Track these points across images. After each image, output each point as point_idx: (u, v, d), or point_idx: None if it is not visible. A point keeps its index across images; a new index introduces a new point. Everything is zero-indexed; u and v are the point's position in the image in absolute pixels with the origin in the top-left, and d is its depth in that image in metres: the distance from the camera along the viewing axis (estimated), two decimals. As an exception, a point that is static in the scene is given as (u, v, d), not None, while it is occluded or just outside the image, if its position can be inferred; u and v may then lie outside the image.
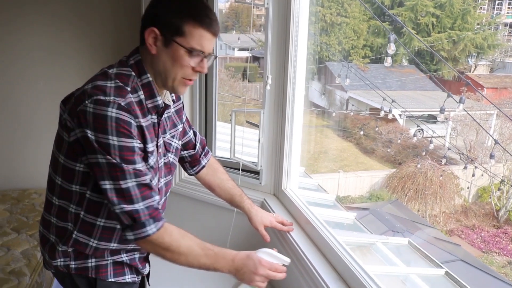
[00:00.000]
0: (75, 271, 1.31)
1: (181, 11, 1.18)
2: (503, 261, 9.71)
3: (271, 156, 2.14)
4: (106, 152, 1.12)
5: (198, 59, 1.23)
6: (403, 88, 16.92)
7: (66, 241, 1.29)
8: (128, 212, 1.16)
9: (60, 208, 1.27)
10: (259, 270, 1.32)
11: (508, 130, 11.39)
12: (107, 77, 1.18)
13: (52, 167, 1.27)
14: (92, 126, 1.11)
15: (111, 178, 1.14)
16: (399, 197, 11.06)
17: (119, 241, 1.32)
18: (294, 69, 1.96)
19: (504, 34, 23.06)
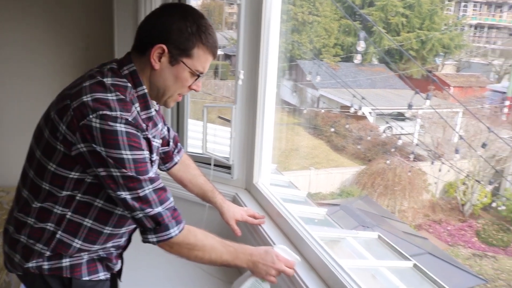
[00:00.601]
0: (48, 272, 1.29)
1: (194, 34, 1.20)
2: (467, 254, 10.00)
3: (243, 150, 2.15)
4: (121, 166, 1.14)
5: (196, 79, 1.27)
6: (373, 86, 17.17)
7: (48, 242, 1.27)
8: (153, 216, 1.19)
9: (42, 209, 1.25)
10: (276, 264, 1.38)
11: (473, 128, 11.70)
12: (105, 88, 1.16)
13: (37, 173, 1.24)
14: (101, 142, 1.12)
15: (128, 189, 1.17)
16: (369, 193, 11.24)
17: (103, 244, 1.32)
18: (266, 64, 1.98)
19: (470, 35, 23.67)
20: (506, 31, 24.60)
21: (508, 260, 9.78)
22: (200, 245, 1.29)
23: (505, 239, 10.22)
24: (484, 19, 24.82)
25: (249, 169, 2.15)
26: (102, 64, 1.27)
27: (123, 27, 2.59)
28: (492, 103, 14.20)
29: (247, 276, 1.44)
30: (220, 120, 2.53)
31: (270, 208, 1.95)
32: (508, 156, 11.23)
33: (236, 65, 2.06)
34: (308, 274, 1.57)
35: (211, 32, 1.24)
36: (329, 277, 1.51)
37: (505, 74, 19.95)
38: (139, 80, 1.24)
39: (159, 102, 1.31)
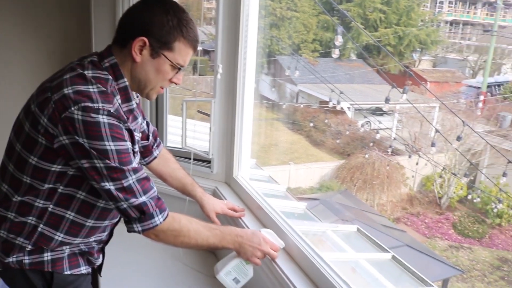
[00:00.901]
0: (29, 266, 1.28)
1: (175, 28, 1.22)
2: (444, 245, 10.21)
3: (222, 144, 2.15)
4: (104, 157, 1.14)
5: (177, 72, 1.29)
6: (352, 81, 17.31)
7: (29, 236, 1.26)
8: (137, 205, 1.20)
9: (22, 203, 1.24)
10: (262, 246, 1.43)
11: (449, 122, 11.90)
12: (86, 81, 1.17)
13: (17, 167, 1.23)
14: (84, 134, 1.12)
15: (111, 180, 1.17)
16: (348, 187, 11.35)
17: (85, 237, 1.32)
18: (244, 59, 1.98)
19: (446, 31, 24.06)
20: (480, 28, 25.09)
21: (483, 251, 10.02)
22: (185, 231, 1.31)
23: (480, 231, 10.46)
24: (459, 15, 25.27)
25: (229, 162, 2.14)
26: (82, 57, 1.27)
27: (100, 24, 2.54)
28: (467, 98, 14.48)
29: (231, 257, 1.46)
30: (200, 116, 2.52)
31: (250, 201, 1.95)
32: (482, 150, 11.47)
33: (215, 59, 2.05)
34: (289, 266, 1.56)
35: (192, 26, 1.25)
36: (311, 270, 1.51)
37: (480, 70, 20.36)
38: (120, 72, 1.24)
39: (141, 94, 1.32)
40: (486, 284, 8.84)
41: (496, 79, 18.74)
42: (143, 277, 2.13)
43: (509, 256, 9.83)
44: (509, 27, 22.22)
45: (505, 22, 22.89)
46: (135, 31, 1.21)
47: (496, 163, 10.30)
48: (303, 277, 1.52)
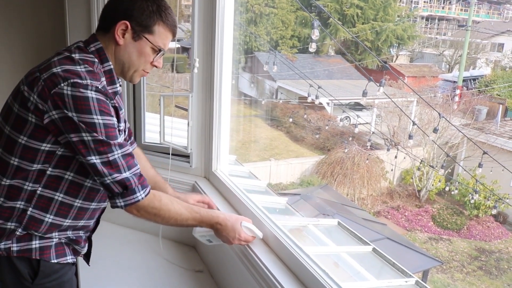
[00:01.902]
0: (17, 254, 1.28)
1: (154, 12, 1.31)
2: (424, 237, 10.37)
3: (201, 139, 2.13)
4: (92, 130, 1.19)
5: (157, 55, 1.37)
6: (330, 77, 17.45)
7: (19, 219, 1.28)
8: (120, 181, 1.24)
9: (11, 187, 1.26)
10: (235, 241, 1.53)
11: (427, 116, 12.08)
12: (74, 62, 1.23)
13: (6, 149, 1.26)
14: (73, 108, 1.17)
15: (98, 153, 1.21)
16: (328, 182, 11.42)
17: (74, 218, 1.35)
18: (221, 54, 1.97)
19: (422, 26, 24.41)
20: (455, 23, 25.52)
21: (461, 242, 10.21)
22: (165, 209, 1.36)
23: (458, 222, 10.66)
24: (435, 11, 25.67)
25: (208, 157, 2.13)
26: (68, 46, 1.33)
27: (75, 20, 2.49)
28: (444, 92, 14.70)
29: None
30: (178, 113, 2.49)
31: (230, 195, 1.94)
32: (459, 143, 11.68)
33: (192, 54, 2.03)
34: (272, 260, 1.56)
35: (170, 12, 1.34)
36: (293, 263, 1.51)
37: (456, 64, 20.73)
38: (105, 56, 1.32)
39: (125, 78, 1.39)
40: (464, 274, 9.01)
41: (472, 73, 19.14)
42: (125, 273, 2.12)
43: (486, 246, 10.05)
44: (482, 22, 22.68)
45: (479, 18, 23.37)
46: (118, 16, 1.29)
47: (473, 156, 10.51)
48: (286, 271, 1.52)
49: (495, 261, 9.51)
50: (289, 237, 1.59)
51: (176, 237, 2.32)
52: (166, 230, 2.22)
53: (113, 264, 2.18)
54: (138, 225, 2.48)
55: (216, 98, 2.01)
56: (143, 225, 2.46)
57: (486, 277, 8.97)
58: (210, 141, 2.07)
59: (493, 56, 21.28)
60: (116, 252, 2.29)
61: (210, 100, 2.03)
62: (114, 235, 2.46)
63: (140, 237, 2.43)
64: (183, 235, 2.33)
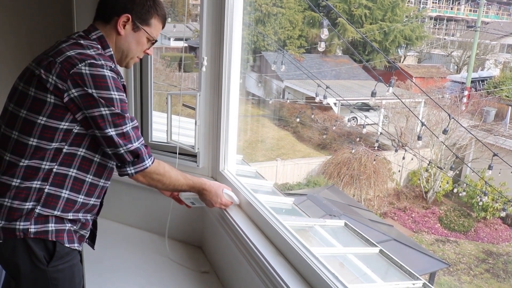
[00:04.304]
0: (34, 235, 1.36)
1: (152, 7, 1.48)
2: (431, 239, 10.31)
3: (208, 138, 2.12)
4: (110, 105, 1.33)
5: (150, 45, 1.56)
6: (338, 77, 17.38)
7: (37, 198, 1.36)
8: (133, 150, 1.40)
9: (28, 168, 1.34)
10: (216, 204, 1.77)
11: (435, 117, 12.01)
12: (83, 47, 1.37)
13: (23, 131, 1.34)
14: (92, 85, 1.31)
15: (114, 125, 1.35)
16: (335, 183, 11.38)
17: (86, 195, 1.45)
18: (230, 51, 1.95)
19: (430, 27, 24.27)
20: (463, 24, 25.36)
21: (468, 244, 10.14)
22: (167, 176, 1.55)
23: (465, 224, 10.58)
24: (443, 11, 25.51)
25: (215, 156, 2.11)
26: (69, 35, 1.45)
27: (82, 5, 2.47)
28: (452, 93, 14.60)
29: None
30: (185, 111, 2.48)
31: (238, 196, 1.93)
32: (467, 144, 11.60)
33: (200, 53, 2.02)
34: (278, 261, 1.56)
35: (162, 6, 1.53)
36: (299, 264, 1.50)
37: (464, 65, 20.57)
38: (106, 43, 1.46)
39: (121, 64, 1.54)
40: (472, 277, 8.94)
41: (480, 74, 18.98)
42: (130, 273, 2.11)
43: (494, 249, 9.97)
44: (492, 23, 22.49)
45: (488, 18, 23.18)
46: (120, 10, 1.44)
47: (481, 158, 10.43)
48: (292, 271, 1.51)
49: (503, 264, 9.43)
50: (296, 237, 1.58)
51: (182, 238, 2.31)
52: (172, 230, 2.21)
53: (119, 263, 2.18)
54: (144, 225, 2.48)
55: (224, 97, 1.99)
56: (149, 225, 2.45)
57: (494, 280, 8.90)
58: (218, 141, 2.06)
59: (502, 57, 21.09)
60: (122, 252, 2.29)
61: (218, 99, 2.01)
62: (121, 235, 2.45)
63: (146, 236, 2.42)
64: (189, 235, 2.32)
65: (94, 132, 1.36)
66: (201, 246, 2.30)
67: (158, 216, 2.31)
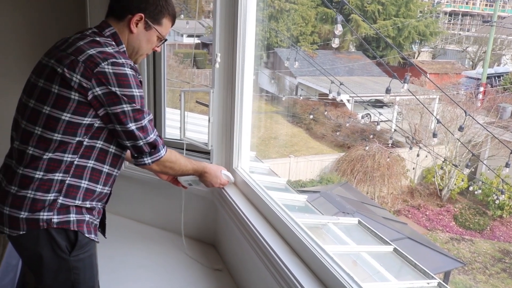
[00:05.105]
0: (56, 225, 1.42)
1: (165, 8, 1.54)
2: (446, 238, 10.20)
3: (221, 135, 2.11)
4: (132, 101, 1.41)
5: (160, 43, 1.62)
6: (351, 74, 17.26)
7: (59, 189, 1.42)
8: (152, 142, 1.51)
9: (50, 161, 1.40)
10: (215, 185, 1.94)
11: (450, 114, 11.87)
12: (101, 44, 1.42)
13: (47, 127, 1.39)
14: (116, 83, 1.37)
15: (134, 120, 1.44)
16: (348, 180, 11.32)
17: (103, 184, 1.53)
18: (243, 49, 1.95)
19: (444, 22, 23.97)
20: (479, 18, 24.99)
21: (484, 243, 10.01)
22: (178, 163, 1.68)
23: (481, 223, 10.45)
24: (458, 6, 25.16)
25: (228, 154, 2.11)
26: (78, 32, 1.50)
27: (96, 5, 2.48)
28: (467, 90, 14.41)
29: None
30: (198, 109, 2.48)
31: (251, 193, 1.93)
32: (483, 141, 11.44)
33: (213, 49, 2.01)
34: (291, 259, 1.56)
35: (173, 5, 1.59)
36: (313, 262, 1.50)
37: (480, 61, 20.28)
38: (119, 40, 1.51)
39: (131, 58, 1.57)
40: (487, 277, 8.84)
41: (496, 70, 18.67)
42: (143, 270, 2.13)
43: (511, 248, 9.83)
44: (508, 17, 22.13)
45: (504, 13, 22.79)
46: (134, 8, 1.49)
47: (497, 155, 10.28)
48: (305, 269, 1.51)
49: (520, 263, 9.31)
50: (309, 235, 1.58)
51: (195, 235, 2.31)
52: (185, 228, 2.21)
53: (131, 260, 2.20)
54: (156, 222, 2.48)
55: (237, 94, 1.98)
56: (161, 222, 2.46)
57: (510, 279, 8.78)
58: (231, 138, 2.05)
59: (518, 53, 20.75)
60: (134, 248, 2.31)
61: (232, 96, 2.01)
62: (132, 231, 2.47)
63: (158, 233, 2.44)
64: (202, 233, 2.32)
65: (114, 127, 1.44)
66: (214, 244, 2.30)
67: (170, 214, 2.32)
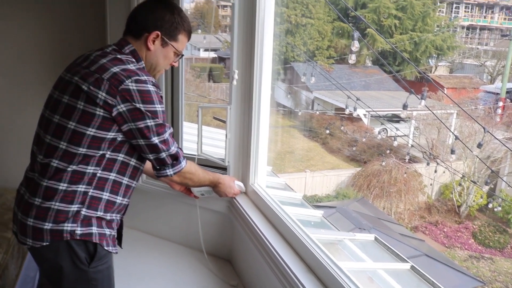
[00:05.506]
0: (80, 237, 1.46)
1: (180, 25, 1.58)
2: (464, 255, 9.99)
3: (238, 151, 2.12)
4: (155, 117, 1.46)
5: (178, 57, 1.66)
6: (367, 88, 17.21)
7: (82, 201, 1.46)
8: (174, 154, 1.56)
9: (74, 172, 1.44)
10: (228, 195, 2.02)
11: (468, 129, 11.72)
12: (123, 62, 1.47)
13: (72, 142, 1.43)
14: (140, 100, 1.43)
15: (157, 134, 1.48)
16: (365, 195, 11.21)
17: (123, 195, 1.56)
18: (260, 65, 1.96)
19: (462, 36, 23.80)
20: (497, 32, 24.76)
21: (505, 262, 9.78)
22: (196, 174, 1.75)
23: (501, 241, 10.23)
24: (476, 20, 24.97)
25: (245, 170, 2.11)
26: (99, 48, 1.55)
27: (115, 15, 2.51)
28: (485, 104, 14.23)
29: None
30: (215, 122, 2.50)
31: (267, 210, 1.92)
32: (502, 157, 11.25)
33: (231, 66, 2.03)
34: (306, 276, 1.55)
35: (188, 21, 1.63)
36: (328, 279, 1.48)
37: (498, 75, 20.05)
38: (138, 56, 1.55)
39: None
40: (508, 296, 8.63)
41: (515, 84, 18.41)
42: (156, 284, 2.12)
43: (532, 266, 9.59)
44: (528, 32, 21.87)
45: (523, 27, 22.54)
46: (150, 26, 1.54)
47: (517, 171, 10.10)
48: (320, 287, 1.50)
49: (543, 283, 9.07)
50: (324, 252, 1.57)
51: (211, 250, 2.31)
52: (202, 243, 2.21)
53: (148, 273, 2.21)
54: (173, 236, 2.49)
55: (254, 111, 1.99)
56: (178, 236, 2.47)
57: (532, 299, 8.56)
58: (248, 154, 2.06)
59: (538, 67, 20.46)
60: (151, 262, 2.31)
61: (249, 112, 2.02)
62: (149, 246, 2.48)
63: (174, 248, 2.44)
64: (218, 248, 2.32)
65: (137, 141, 1.49)
66: (229, 259, 2.30)
67: (185, 228, 2.33)
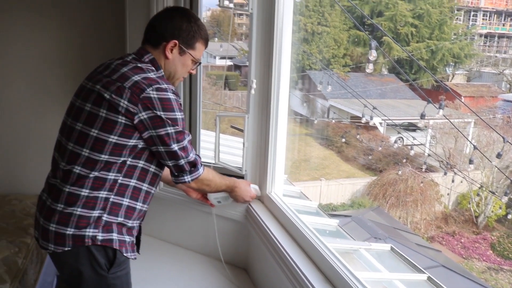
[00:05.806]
0: (100, 242, 1.49)
1: (197, 33, 1.61)
2: (482, 267, 9.82)
3: (256, 160, 2.13)
4: (175, 124, 1.49)
5: (195, 65, 1.69)
6: (383, 96, 17.11)
7: (103, 207, 1.49)
8: (192, 161, 1.59)
9: (96, 179, 1.47)
10: (246, 199, 2.05)
11: (486, 138, 11.56)
12: (144, 70, 1.50)
13: (94, 149, 1.46)
14: (161, 108, 1.45)
15: (177, 141, 1.51)
16: (380, 204, 11.11)
17: (143, 202, 1.59)
18: (279, 74, 1.96)
19: (480, 44, 23.54)
20: (517, 41, 24.43)
21: (525, 274, 9.59)
22: (213, 180, 1.78)
23: (521, 253, 10.03)
24: (494, 28, 24.69)
25: (262, 179, 2.12)
26: (119, 57, 1.58)
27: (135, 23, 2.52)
28: (504, 113, 14.03)
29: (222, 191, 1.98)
30: (230, 130, 2.51)
31: (284, 219, 1.92)
32: (522, 167, 11.07)
33: (249, 75, 2.05)
34: (323, 286, 1.55)
35: (205, 29, 1.66)
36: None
37: (517, 84, 19.78)
38: (158, 65, 1.58)
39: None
40: (527, 309, 8.45)
41: (535, 93, 18.14)
42: None
43: (553, 279, 9.38)
44: (547, 40, 21.54)
45: (543, 35, 22.22)
46: (168, 36, 1.57)
47: (537, 182, 9.91)
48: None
49: None
50: (341, 261, 1.57)
51: (227, 259, 2.31)
52: (217, 251, 2.22)
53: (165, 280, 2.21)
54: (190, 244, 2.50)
55: (272, 120, 2.00)
56: (195, 244, 2.48)
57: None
58: (265, 163, 2.07)
59: (558, 76, 20.14)
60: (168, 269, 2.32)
61: (266, 121, 2.03)
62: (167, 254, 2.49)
63: (191, 255, 2.45)
64: (234, 257, 2.32)
65: (157, 148, 1.51)
66: (246, 268, 2.30)
67: (202, 236, 2.34)
